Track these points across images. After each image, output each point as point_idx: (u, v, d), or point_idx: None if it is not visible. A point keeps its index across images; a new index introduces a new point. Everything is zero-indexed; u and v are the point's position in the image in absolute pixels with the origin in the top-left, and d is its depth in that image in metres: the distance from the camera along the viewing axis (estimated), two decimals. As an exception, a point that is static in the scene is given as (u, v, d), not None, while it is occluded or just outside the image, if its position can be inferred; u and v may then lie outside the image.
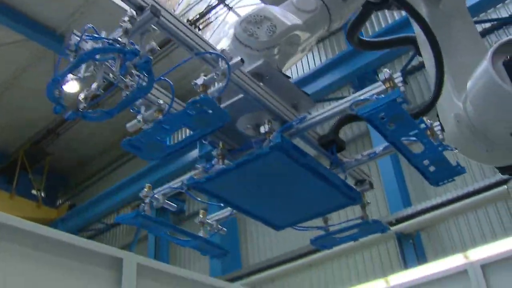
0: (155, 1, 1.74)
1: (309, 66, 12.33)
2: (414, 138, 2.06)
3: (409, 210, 10.10)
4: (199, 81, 1.84)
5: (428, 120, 2.14)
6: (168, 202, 2.42)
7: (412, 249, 10.26)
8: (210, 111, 1.75)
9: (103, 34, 1.72)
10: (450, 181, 2.18)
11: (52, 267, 4.57)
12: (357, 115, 1.84)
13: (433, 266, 8.44)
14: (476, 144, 2.66)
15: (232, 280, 10.83)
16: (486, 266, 7.24)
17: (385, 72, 1.89)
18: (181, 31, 1.80)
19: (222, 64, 1.84)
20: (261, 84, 2.15)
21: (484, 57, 2.54)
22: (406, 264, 10.19)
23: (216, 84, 1.90)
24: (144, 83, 1.71)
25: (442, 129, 2.18)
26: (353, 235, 2.52)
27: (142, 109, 2.01)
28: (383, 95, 1.85)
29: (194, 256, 13.80)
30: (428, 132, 2.12)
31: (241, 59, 1.81)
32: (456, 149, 2.21)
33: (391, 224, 10.22)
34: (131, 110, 2.01)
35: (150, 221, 2.26)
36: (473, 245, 8.98)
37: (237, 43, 2.34)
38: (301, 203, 2.29)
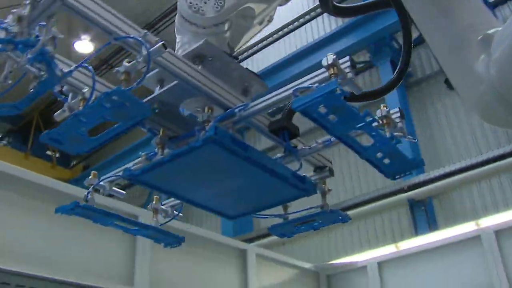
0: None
1: (324, 30, 11.93)
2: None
3: (422, 177, 9.84)
4: (122, 68, 1.64)
5: (385, 108, 1.91)
6: (116, 189, 2.26)
7: (424, 216, 10.06)
8: (127, 104, 1.56)
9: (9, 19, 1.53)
10: (408, 174, 1.96)
11: (71, 224, 4.59)
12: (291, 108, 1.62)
13: (444, 233, 8.29)
14: (500, 110, 2.41)
15: (243, 242, 10.81)
16: (500, 232, 7.04)
17: (328, 57, 1.66)
18: (94, 12, 1.59)
19: (143, 50, 1.63)
20: (199, 67, 1.95)
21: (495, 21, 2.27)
22: (417, 231, 10.01)
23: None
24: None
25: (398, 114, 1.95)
26: (313, 224, 2.33)
27: (70, 96, 1.83)
28: (324, 84, 1.62)
29: (205, 217, 13.81)
30: (385, 121, 1.90)
31: (163, 43, 1.60)
32: (415, 139, 1.98)
33: (403, 190, 10.02)
34: (58, 98, 1.83)
35: (92, 211, 2.11)
36: (485, 213, 8.74)
37: (183, 20, 2.13)
38: (250, 195, 2.10)
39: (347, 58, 1.73)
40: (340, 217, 2.28)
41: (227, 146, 1.71)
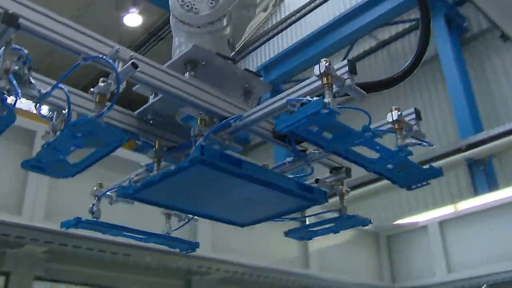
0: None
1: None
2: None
3: (481, 136, 9.25)
4: (96, 89, 1.47)
5: (397, 111, 1.65)
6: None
7: (483, 176, 9.52)
8: (98, 132, 1.40)
9: None
10: (425, 184, 1.70)
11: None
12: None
13: (505, 192, 7.92)
14: None
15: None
16: None
17: (321, 65, 1.41)
18: (57, 33, 1.42)
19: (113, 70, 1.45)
20: (191, 74, 1.75)
21: None
22: (476, 191, 9.52)
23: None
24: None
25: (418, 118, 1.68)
26: (332, 228, 2.13)
27: (54, 116, 1.68)
28: (315, 98, 1.39)
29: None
30: (397, 126, 1.64)
31: (133, 63, 1.41)
32: (432, 145, 1.71)
33: (461, 150, 9.48)
34: (42, 118, 1.70)
35: (95, 225, 2.00)
36: (548, 172, 8.17)
37: (176, 20, 1.92)
38: (256, 206, 1.91)
39: (344, 62, 1.49)
40: (360, 221, 2.07)
41: (216, 165, 1.52)
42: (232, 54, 2.03)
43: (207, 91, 1.72)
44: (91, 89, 1.49)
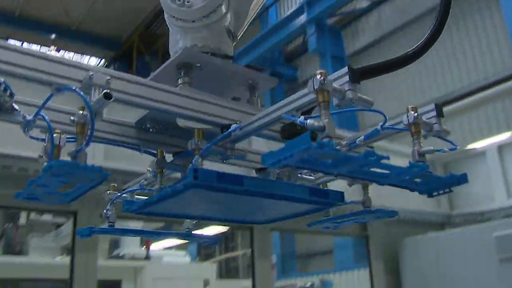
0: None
1: None
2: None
3: (539, 58, 8.60)
4: (76, 117, 1.33)
5: (413, 112, 1.41)
6: (139, 197, 2.04)
7: (542, 101, 8.92)
8: (78, 171, 1.27)
9: None
10: (447, 192, 1.48)
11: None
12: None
13: None
14: None
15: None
16: None
17: (315, 80, 1.20)
18: (20, 66, 1.27)
19: (92, 98, 1.30)
20: (180, 83, 1.57)
21: None
22: (534, 116, 8.97)
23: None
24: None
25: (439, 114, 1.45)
26: (357, 219, 1.96)
27: (46, 138, 1.56)
28: (309, 120, 1.18)
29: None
30: (414, 129, 1.42)
31: (105, 94, 1.24)
32: (456, 147, 1.47)
33: (517, 75, 8.86)
34: (31, 139, 1.58)
35: (109, 231, 1.93)
36: None
37: (168, 16, 1.72)
38: (269, 211, 1.77)
39: (345, 70, 1.26)
40: (385, 214, 1.88)
41: (213, 187, 1.37)
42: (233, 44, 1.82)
43: (201, 99, 1.54)
44: (71, 118, 1.35)
